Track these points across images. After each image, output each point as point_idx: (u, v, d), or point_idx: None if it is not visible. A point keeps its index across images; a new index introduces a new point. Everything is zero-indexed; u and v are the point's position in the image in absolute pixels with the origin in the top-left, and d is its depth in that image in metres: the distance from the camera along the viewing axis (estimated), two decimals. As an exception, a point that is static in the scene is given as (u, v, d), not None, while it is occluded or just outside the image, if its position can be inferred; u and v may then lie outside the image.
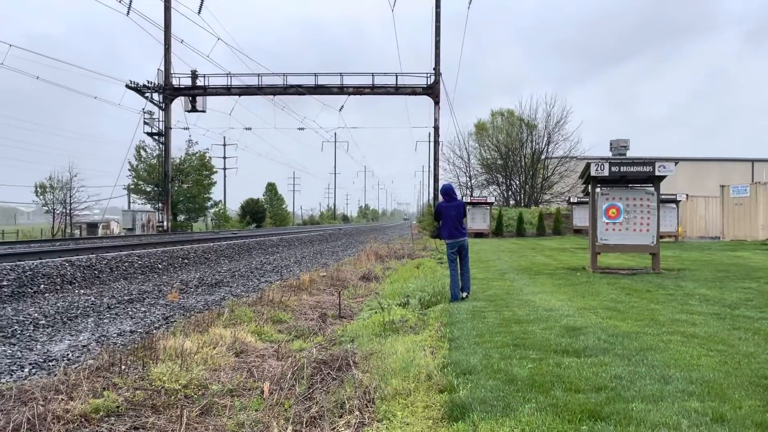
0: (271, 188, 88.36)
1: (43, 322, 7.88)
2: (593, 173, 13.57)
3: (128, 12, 34.26)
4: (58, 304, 9.15)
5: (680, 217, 32.28)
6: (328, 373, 5.31)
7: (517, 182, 60.98)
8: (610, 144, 15.45)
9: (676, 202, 31.25)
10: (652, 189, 13.90)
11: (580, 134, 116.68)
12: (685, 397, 4.22)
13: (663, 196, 23.74)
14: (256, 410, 4.44)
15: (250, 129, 46.68)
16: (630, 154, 15.85)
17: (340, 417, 4.20)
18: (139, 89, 38.47)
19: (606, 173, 13.47)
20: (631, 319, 7.33)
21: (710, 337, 6.21)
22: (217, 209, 62.20)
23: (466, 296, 9.55)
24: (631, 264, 15.63)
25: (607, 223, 13.95)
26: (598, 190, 14.12)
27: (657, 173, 13.37)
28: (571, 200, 40.49)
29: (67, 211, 47.00)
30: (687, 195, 34.26)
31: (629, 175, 13.57)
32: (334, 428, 3.99)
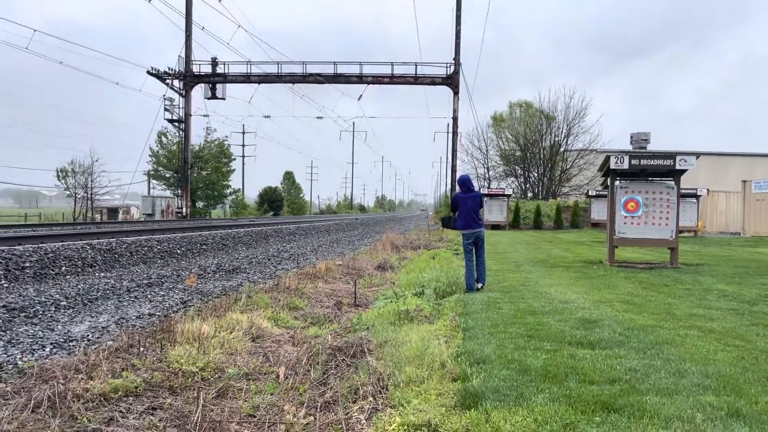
0: (288, 177, 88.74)
1: (64, 303, 8.03)
2: (612, 166, 13.45)
3: (150, -1, 34.44)
4: (79, 286, 9.31)
5: (700, 212, 31.90)
6: (343, 359, 5.35)
7: (536, 174, 60.61)
8: (631, 137, 15.28)
9: (697, 196, 30.87)
10: (672, 183, 13.75)
11: (601, 127, 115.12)
12: (700, 391, 4.20)
13: (683, 191, 23.45)
14: (271, 394, 4.49)
15: (269, 117, 46.97)
16: (654, 147, 15.66)
17: (354, 402, 4.24)
18: (160, 76, 38.75)
19: (626, 166, 13.34)
20: (647, 312, 7.29)
21: (728, 332, 6.16)
22: (235, 197, 62.62)
23: (482, 287, 9.55)
24: (649, 258, 15.50)
25: (626, 217, 13.84)
26: (617, 183, 14.00)
27: (677, 167, 13.22)
28: (590, 193, 40.15)
29: (89, 196, 47.59)
30: (708, 190, 33.83)
31: (649, 168, 13.43)
32: (348, 413, 4.04)
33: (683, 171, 13.49)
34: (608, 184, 14.38)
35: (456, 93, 38.52)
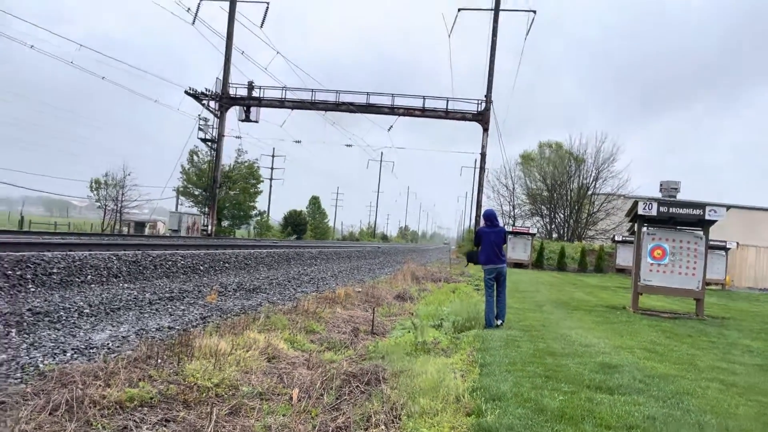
0: (314, 201, 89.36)
1: (87, 310, 8.15)
2: (640, 211, 13.32)
3: (194, 21, 35.49)
4: (103, 295, 9.45)
5: (729, 265, 31.27)
6: (357, 386, 5.34)
7: (562, 216, 60.16)
8: (660, 185, 15.14)
9: (726, 249, 30.29)
10: (701, 233, 13.56)
11: (630, 173, 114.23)
12: (720, 445, 4.10)
13: (712, 242, 23.06)
14: (284, 415, 4.49)
15: (299, 142, 47.52)
16: (685, 197, 15.48)
17: (366, 430, 4.22)
18: (197, 96, 39.63)
19: (654, 213, 13.21)
20: (669, 362, 7.14)
21: (751, 387, 6.00)
22: (260, 218, 63.18)
23: (501, 324, 9.47)
24: (673, 308, 15.21)
25: (652, 264, 13.65)
26: (644, 229, 13.84)
27: (707, 217, 13.05)
28: (616, 238, 39.66)
29: (118, 208, 48.44)
30: (738, 243, 33.20)
31: (678, 217, 13.27)
32: (359, 440, 4.02)
33: (712, 222, 13.31)
34: (635, 229, 14.23)
35: (486, 130, 38.68)
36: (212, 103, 40.74)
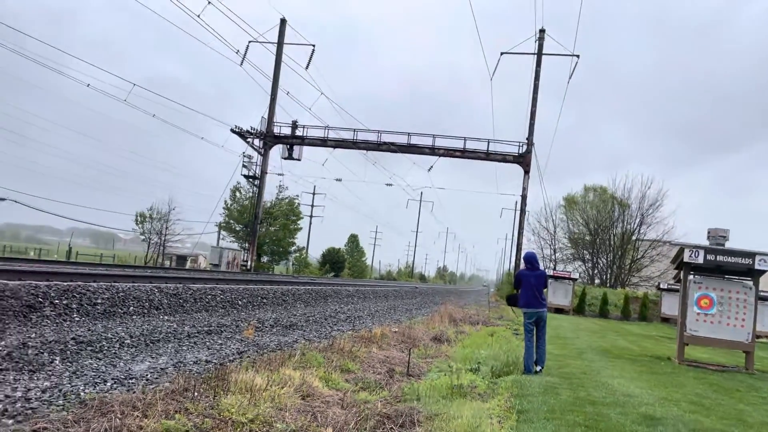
0: (353, 239, 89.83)
1: (128, 341, 8.30)
2: (687, 259, 12.96)
3: (242, 62, 36.72)
4: (144, 327, 9.62)
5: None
6: (391, 428, 5.27)
7: (605, 261, 58.95)
8: (708, 233, 14.74)
9: (778, 300, 29.05)
10: (751, 283, 13.09)
11: (676, 219, 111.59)
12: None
13: (762, 293, 22.21)
14: (317, 454, 4.46)
15: (340, 180, 48.10)
16: (735, 246, 15.01)
17: (399, 473, 4.15)
18: (243, 134, 40.68)
19: (700, 260, 12.84)
20: (715, 416, 6.84)
21: (806, 448, 5.69)
22: (298, 254, 63.73)
23: (540, 370, 9.25)
24: (721, 360, 14.62)
25: (698, 314, 13.20)
26: (690, 277, 13.45)
27: (756, 267, 12.61)
28: (661, 286, 38.58)
29: (161, 242, 49.59)
30: (791, 294, 31.82)
31: (726, 265, 12.87)
32: (392, 483, 3.95)
33: (762, 271, 12.84)
34: (681, 277, 13.84)
35: (527, 172, 38.52)
36: (257, 141, 41.75)
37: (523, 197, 39.33)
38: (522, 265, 10.03)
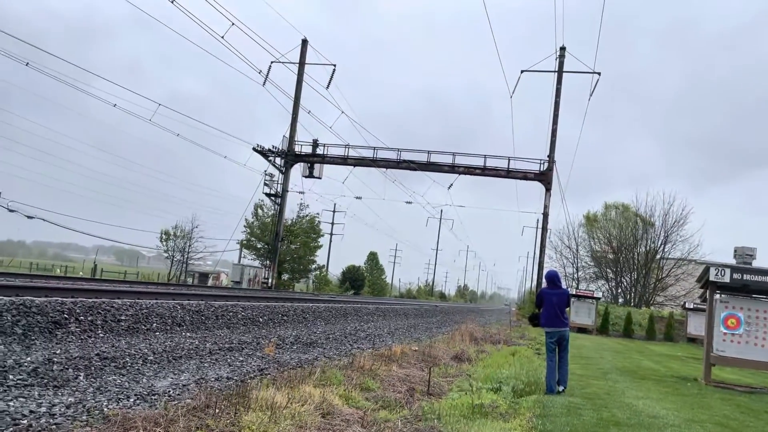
0: (372, 257, 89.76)
1: (151, 358, 8.38)
2: (712, 278, 12.75)
3: (264, 83, 37.21)
4: (166, 343, 9.70)
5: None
6: (412, 447, 5.23)
7: (628, 280, 58.14)
8: (735, 251, 14.50)
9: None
10: (779, 302, 12.81)
11: (702, 237, 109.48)
12: None
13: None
14: (337, 473, 4.44)
15: (360, 198, 48.22)
16: (762, 264, 14.74)
17: (419, 493, 4.11)
18: (264, 153, 41.10)
19: (726, 279, 12.61)
20: (745, 439, 6.68)
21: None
22: (319, 272, 63.84)
23: (563, 390, 9.13)
24: (749, 381, 14.28)
25: (725, 334, 12.94)
26: (716, 296, 13.22)
27: (785, 285, 12.34)
28: (687, 305, 37.88)
29: (185, 259, 50.09)
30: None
31: (753, 284, 12.62)
32: (412, 503, 3.92)
33: (792, 290, 12.57)
34: (707, 297, 13.60)
35: (548, 189, 38.29)
36: (278, 160, 42.12)
37: (545, 215, 39.06)
38: (544, 284, 9.94)
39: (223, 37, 28.09)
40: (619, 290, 58.96)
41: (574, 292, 37.90)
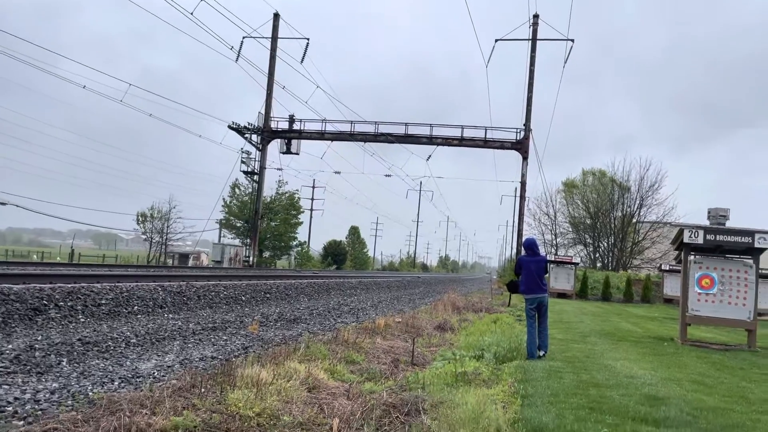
0: (354, 232, 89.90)
1: (134, 340, 8.37)
2: (686, 240, 13.01)
3: (237, 59, 36.63)
4: (149, 326, 9.69)
5: (784, 294, 30.01)
6: (397, 416, 5.33)
7: (606, 244, 59.02)
8: (708, 212, 14.78)
9: (780, 277, 29.13)
10: (751, 261, 13.14)
11: (677, 200, 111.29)
12: (773, 481, 3.95)
13: (764, 271, 22.26)
14: (324, 445, 4.52)
15: (339, 173, 48.11)
16: (737, 224, 15.02)
17: (406, 460, 4.21)
18: (240, 130, 40.67)
19: (700, 241, 12.88)
20: (718, 394, 6.91)
21: (808, 422, 5.75)
22: (300, 248, 63.83)
23: (543, 355, 9.32)
24: (723, 339, 14.70)
25: (700, 294, 13.26)
26: (691, 258, 13.50)
27: (756, 245, 12.65)
28: (663, 267, 38.65)
29: (163, 241, 49.69)
30: (792, 271, 31.90)
31: (725, 245, 12.91)
32: (399, 470, 4.01)
33: (762, 249, 12.89)
34: (682, 258, 13.89)
35: (525, 158, 38.52)
36: (254, 137, 41.73)
37: (522, 183, 39.35)
38: (522, 252, 10.07)
39: (192, 14, 27.55)
40: (597, 255, 59.87)
41: (553, 259, 38.42)
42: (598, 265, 57.51)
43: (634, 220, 56.16)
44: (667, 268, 37.60)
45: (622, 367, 8.66)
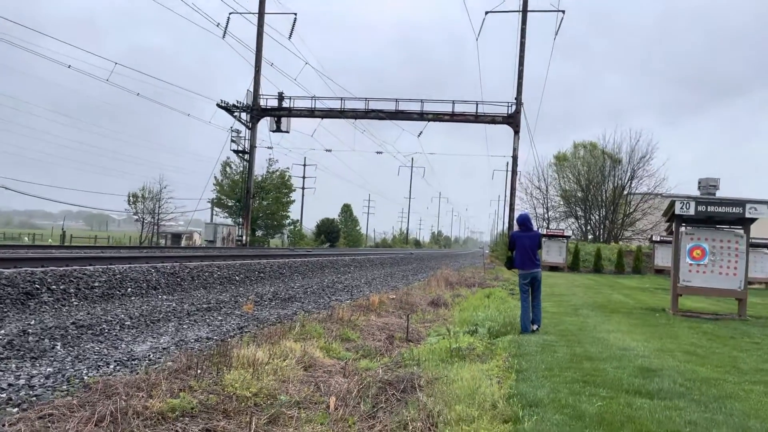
0: (346, 209, 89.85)
1: (128, 323, 8.35)
2: (678, 211, 13.06)
3: (224, 35, 36.12)
4: (143, 308, 9.67)
5: (773, 263, 30.34)
6: (393, 393, 5.36)
7: (597, 217, 59.28)
8: (699, 183, 14.84)
9: (769, 246, 29.42)
10: (742, 231, 13.23)
11: (668, 171, 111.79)
12: (765, 450, 4.01)
13: (755, 240, 22.44)
14: (321, 424, 4.54)
15: (330, 151, 47.90)
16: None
17: (403, 437, 4.24)
18: (229, 109, 40.27)
19: (691, 212, 12.93)
20: (711, 364, 6.99)
21: (798, 390, 5.83)
22: (293, 227, 63.77)
23: (537, 329, 9.39)
24: (715, 309, 14.85)
25: (691, 264, 13.36)
26: (682, 229, 13.57)
27: (747, 215, 12.72)
28: (654, 239, 38.90)
29: (155, 221, 49.49)
30: (782, 240, 32.19)
31: (716, 215, 12.97)
32: (396, 448, 4.04)
33: (753, 219, 12.97)
34: (673, 229, 13.96)
35: (517, 132, 38.41)
36: (244, 115, 41.35)
37: (514, 158, 39.30)
38: (516, 228, 10.08)
39: (177, -10, 27.05)
40: (589, 227, 60.15)
41: (544, 232, 38.55)
42: (590, 237, 57.84)
43: (625, 192, 56.36)
44: (658, 239, 37.86)
45: (614, 339, 8.74)
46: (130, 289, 11.13)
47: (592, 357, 7.10)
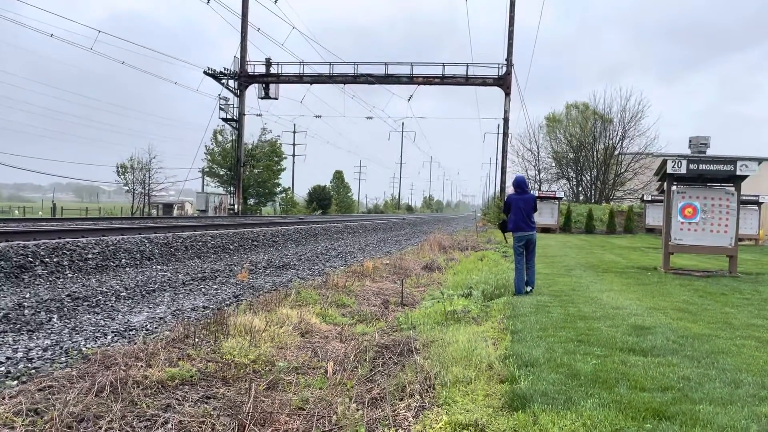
0: (338, 176, 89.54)
1: (124, 294, 8.36)
2: (669, 170, 13.08)
3: (208, 1, 35.33)
4: (138, 278, 9.67)
5: (762, 220, 30.66)
6: (390, 357, 5.41)
7: (589, 178, 59.42)
8: (690, 141, 14.82)
9: (759, 203, 29.68)
10: (732, 189, 13.29)
11: (659, 130, 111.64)
12: (756, 401, 4.08)
13: (744, 197, 22.62)
14: (320, 388, 4.59)
15: (320, 117, 47.45)
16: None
17: (401, 400, 4.29)
18: (216, 76, 39.69)
19: (683, 171, 12.96)
20: (702, 321, 7.09)
21: (788, 344, 5.93)
22: (285, 195, 63.57)
23: (531, 290, 9.46)
24: (706, 266, 15.02)
25: (682, 223, 13.45)
26: (674, 188, 13.62)
27: (738, 173, 12.77)
28: (645, 198, 39.09)
29: (146, 191, 49.17)
30: (771, 197, 32.44)
31: (708, 173, 13.01)
32: (395, 410, 4.10)
33: (744, 177, 13.02)
34: (664, 188, 14.01)
35: (507, 94, 38.14)
36: (231, 82, 40.80)
37: (505, 120, 39.11)
38: (511, 190, 10.07)
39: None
40: (580, 188, 60.33)
41: (537, 194, 38.63)
42: (581, 198, 58.06)
43: (617, 152, 56.39)
44: (649, 199, 38.06)
45: (608, 298, 8.83)
46: (124, 260, 11.12)
47: (585, 316, 7.18)
